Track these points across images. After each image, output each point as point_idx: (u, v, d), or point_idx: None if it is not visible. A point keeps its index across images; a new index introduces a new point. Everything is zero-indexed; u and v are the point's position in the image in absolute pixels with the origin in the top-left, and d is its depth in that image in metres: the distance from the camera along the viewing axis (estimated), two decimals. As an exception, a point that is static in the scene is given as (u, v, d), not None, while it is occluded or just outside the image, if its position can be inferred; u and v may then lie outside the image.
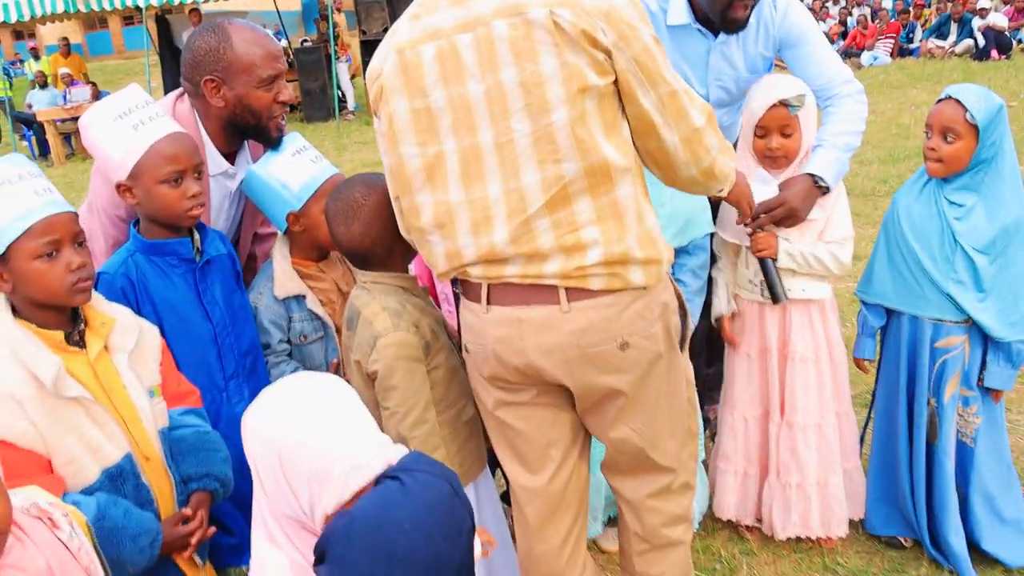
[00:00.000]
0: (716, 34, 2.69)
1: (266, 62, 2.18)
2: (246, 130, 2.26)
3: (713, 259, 2.80)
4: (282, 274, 2.29)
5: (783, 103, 2.49)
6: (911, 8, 16.03)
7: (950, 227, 2.43)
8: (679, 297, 1.92)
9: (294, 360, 2.32)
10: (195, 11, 13.43)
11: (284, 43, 15.56)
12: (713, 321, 2.79)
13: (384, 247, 2.01)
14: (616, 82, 1.68)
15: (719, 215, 2.72)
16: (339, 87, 13.77)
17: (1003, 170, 2.41)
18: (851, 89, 2.65)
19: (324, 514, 1.31)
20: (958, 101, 2.37)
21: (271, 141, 2.28)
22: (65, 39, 15.86)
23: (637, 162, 1.77)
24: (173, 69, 13.41)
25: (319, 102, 13.51)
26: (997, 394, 2.58)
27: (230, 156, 2.33)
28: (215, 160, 2.29)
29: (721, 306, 2.77)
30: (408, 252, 2.08)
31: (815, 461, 2.67)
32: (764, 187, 2.54)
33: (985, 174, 2.41)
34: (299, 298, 2.29)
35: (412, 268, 2.40)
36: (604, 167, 1.67)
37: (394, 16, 11.79)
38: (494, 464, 2.31)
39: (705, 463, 2.94)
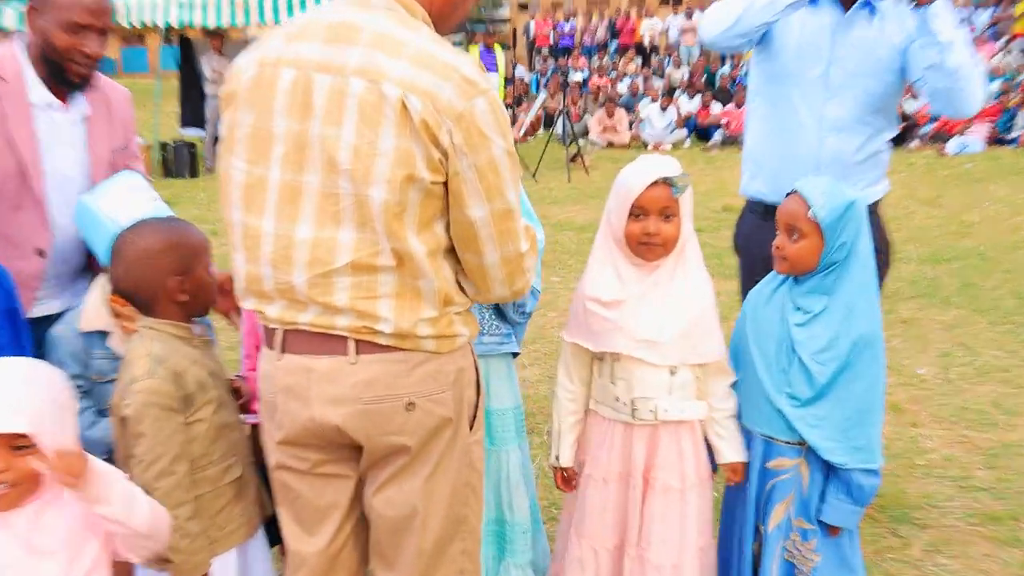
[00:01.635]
0: (846, 8, 2.68)
1: (77, 8, 2.29)
2: (53, 68, 2.34)
3: None
4: (91, 307, 2.23)
5: (666, 181, 2.14)
6: (1018, 91, 12.92)
7: (790, 334, 2.19)
8: (478, 372, 1.87)
9: (89, 398, 2.20)
10: (216, 35, 13.02)
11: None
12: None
13: (146, 293, 1.99)
14: (447, 184, 1.64)
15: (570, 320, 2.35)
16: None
17: (855, 275, 2.16)
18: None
19: None
20: (802, 196, 2.15)
21: (71, 85, 2.39)
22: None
23: (449, 249, 1.73)
24: (190, 93, 13.10)
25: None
26: (835, 530, 2.28)
27: (60, 95, 2.42)
28: (37, 91, 2.37)
29: (564, 450, 2.37)
30: (185, 306, 2.03)
31: None
32: (621, 286, 2.20)
33: (837, 277, 2.17)
34: (104, 334, 2.22)
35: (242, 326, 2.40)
36: (410, 254, 1.65)
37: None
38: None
39: None
